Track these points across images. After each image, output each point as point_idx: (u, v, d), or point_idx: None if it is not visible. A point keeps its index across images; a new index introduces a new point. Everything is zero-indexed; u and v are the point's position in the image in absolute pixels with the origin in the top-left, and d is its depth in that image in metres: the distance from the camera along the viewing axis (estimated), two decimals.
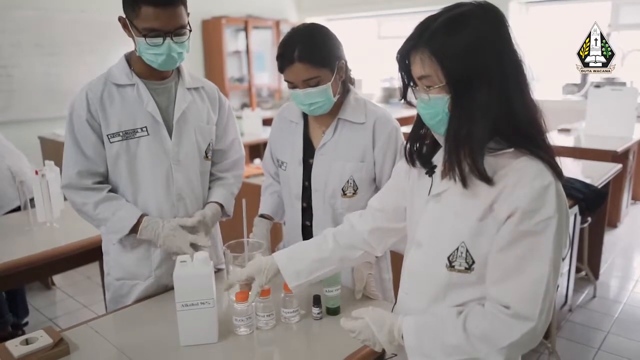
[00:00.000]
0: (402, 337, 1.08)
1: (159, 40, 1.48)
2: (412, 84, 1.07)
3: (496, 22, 0.99)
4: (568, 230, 1.03)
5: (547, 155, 1.00)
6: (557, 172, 0.99)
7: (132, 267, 1.69)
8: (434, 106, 1.02)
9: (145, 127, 1.60)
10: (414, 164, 1.17)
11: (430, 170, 1.14)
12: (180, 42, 1.52)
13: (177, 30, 1.50)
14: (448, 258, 1.06)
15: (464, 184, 1.00)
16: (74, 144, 1.58)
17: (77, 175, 1.58)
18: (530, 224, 0.95)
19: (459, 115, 0.99)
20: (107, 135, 1.58)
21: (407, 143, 1.17)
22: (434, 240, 1.10)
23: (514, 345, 0.97)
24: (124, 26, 1.53)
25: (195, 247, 1.63)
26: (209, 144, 1.76)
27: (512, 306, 0.97)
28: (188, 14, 1.54)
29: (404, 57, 1.04)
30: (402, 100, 1.11)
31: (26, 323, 3.15)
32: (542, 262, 0.95)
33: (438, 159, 1.14)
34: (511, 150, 1.00)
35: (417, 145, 1.16)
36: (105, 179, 1.64)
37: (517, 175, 0.97)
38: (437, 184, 1.11)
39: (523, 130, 0.99)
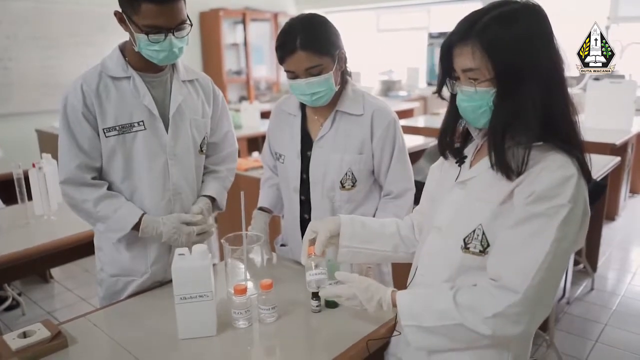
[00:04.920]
0: (392, 308, 1.14)
1: (161, 36, 1.45)
2: (449, 77, 1.08)
3: (542, 19, 1.01)
4: (585, 228, 1.06)
5: (577, 151, 1.02)
6: (584, 170, 1.01)
7: (127, 263, 1.66)
8: (478, 99, 1.03)
9: (142, 121, 1.57)
10: (445, 156, 1.21)
11: (460, 160, 1.17)
12: (181, 37, 1.49)
13: (178, 26, 1.47)
14: (464, 240, 1.09)
15: (509, 177, 1.01)
16: (70, 137, 1.54)
17: (77, 169, 1.54)
18: (542, 207, 0.97)
19: (505, 109, 1.00)
20: (103, 130, 1.54)
21: (440, 136, 1.20)
22: (453, 223, 1.13)
23: (499, 316, 1.00)
24: (121, 21, 1.48)
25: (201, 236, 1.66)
26: (204, 138, 1.73)
27: (501, 278, 1.01)
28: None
29: (449, 49, 1.05)
30: (437, 94, 1.13)
31: None
32: (543, 244, 0.97)
33: (468, 150, 1.18)
34: (541, 143, 1.01)
35: (449, 137, 1.19)
36: (100, 175, 1.61)
37: (542, 166, 1.00)
38: (465, 172, 1.14)
39: (556, 125, 1.01)
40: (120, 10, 1.47)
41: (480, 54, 0.99)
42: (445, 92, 1.11)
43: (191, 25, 1.52)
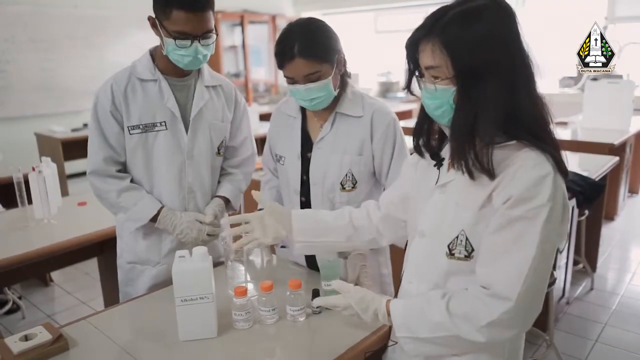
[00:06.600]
0: (387, 318, 1.14)
1: (187, 42, 1.54)
2: (417, 73, 1.07)
3: (508, 17, 0.99)
4: (566, 222, 1.05)
5: (551, 148, 1.00)
6: (559, 165, 1.00)
7: (142, 252, 1.77)
8: (439, 97, 1.02)
9: (164, 122, 1.68)
10: (422, 155, 1.19)
11: (438, 162, 1.15)
12: (207, 45, 1.58)
13: (205, 34, 1.54)
14: (448, 246, 1.08)
15: (471, 176, 1.00)
16: (99, 133, 1.66)
17: (103, 161, 1.66)
18: (521, 210, 0.96)
19: (464, 108, 0.99)
20: (128, 127, 1.66)
21: (413, 135, 1.18)
22: (437, 230, 1.12)
23: (494, 324, 0.99)
24: (153, 25, 1.58)
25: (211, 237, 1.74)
26: (222, 141, 1.82)
27: (492, 286, 1.00)
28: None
29: (414, 46, 1.04)
30: (405, 90, 1.11)
31: None
32: (528, 247, 0.96)
33: (445, 151, 1.16)
34: (514, 142, 1.00)
35: (425, 137, 1.17)
36: (125, 169, 1.72)
37: (517, 166, 0.98)
38: (444, 175, 1.13)
39: (527, 124, 1.00)
40: (153, 16, 1.57)
41: (440, 52, 0.97)
42: (417, 88, 1.09)
43: (217, 35, 1.61)
